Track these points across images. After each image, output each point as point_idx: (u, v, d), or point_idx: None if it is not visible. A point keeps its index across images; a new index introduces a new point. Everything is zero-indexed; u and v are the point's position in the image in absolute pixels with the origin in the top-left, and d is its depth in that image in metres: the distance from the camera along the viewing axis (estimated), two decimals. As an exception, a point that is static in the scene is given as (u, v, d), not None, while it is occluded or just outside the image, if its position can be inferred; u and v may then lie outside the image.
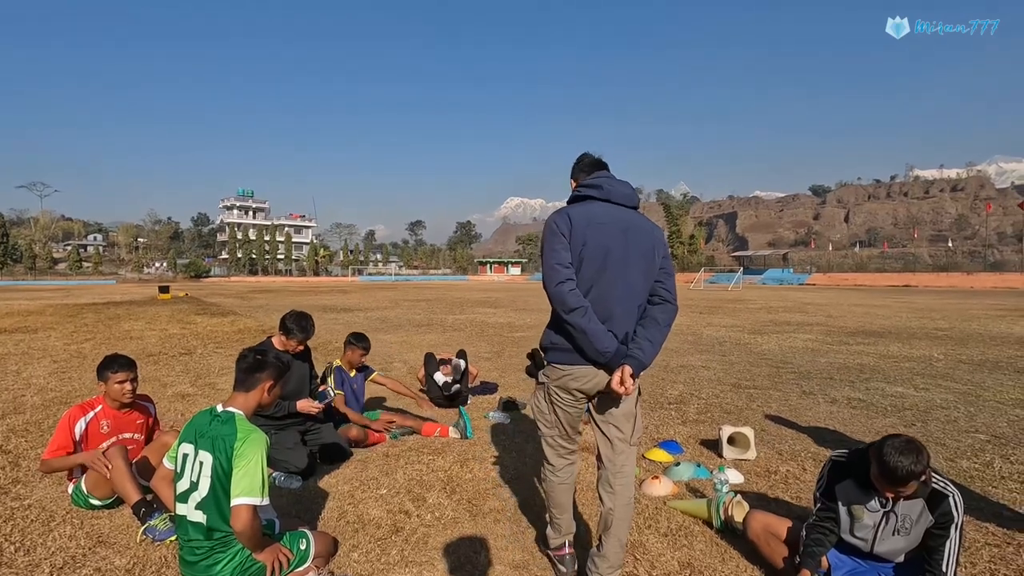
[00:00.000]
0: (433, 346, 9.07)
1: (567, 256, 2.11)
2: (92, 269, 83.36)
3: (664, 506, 3.09)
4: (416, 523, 2.91)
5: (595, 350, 2.08)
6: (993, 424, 4.65)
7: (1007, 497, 3.18)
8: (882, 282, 47.62)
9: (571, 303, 2.07)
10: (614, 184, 2.23)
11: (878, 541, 2.21)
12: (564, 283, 2.09)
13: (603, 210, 2.18)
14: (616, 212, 2.19)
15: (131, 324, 13.16)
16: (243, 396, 2.33)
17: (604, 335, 2.07)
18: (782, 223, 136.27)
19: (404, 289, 38.47)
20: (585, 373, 2.15)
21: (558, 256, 2.12)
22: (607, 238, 2.13)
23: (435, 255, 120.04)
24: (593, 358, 2.10)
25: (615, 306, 2.13)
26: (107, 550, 2.61)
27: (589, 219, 2.14)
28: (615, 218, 2.17)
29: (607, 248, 2.12)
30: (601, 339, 2.06)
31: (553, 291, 2.10)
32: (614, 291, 2.13)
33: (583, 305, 2.07)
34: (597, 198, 2.21)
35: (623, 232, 2.15)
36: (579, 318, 2.06)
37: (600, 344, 2.06)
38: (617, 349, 2.08)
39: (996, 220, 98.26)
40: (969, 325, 12.60)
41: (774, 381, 6.46)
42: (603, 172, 2.30)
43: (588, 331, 2.07)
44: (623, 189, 2.24)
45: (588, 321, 2.07)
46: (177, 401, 5.56)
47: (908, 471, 1.98)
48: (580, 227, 2.13)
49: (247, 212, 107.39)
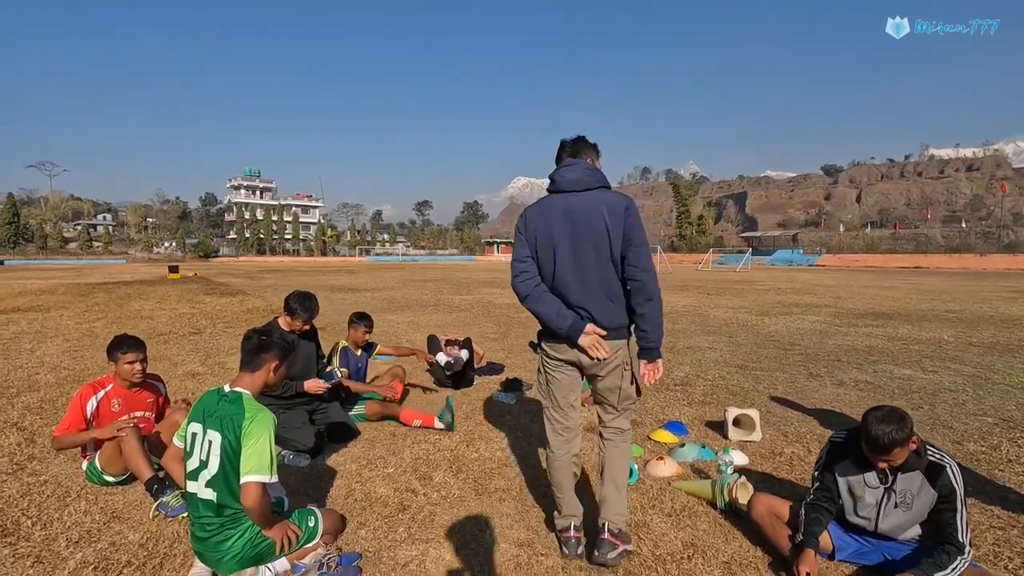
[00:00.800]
0: (440, 326, 9.11)
1: (523, 251, 2.41)
2: (103, 249, 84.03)
3: (668, 486, 3.11)
4: (423, 501, 2.95)
5: (551, 328, 2.36)
6: (1002, 407, 4.62)
7: (1013, 480, 3.17)
8: (893, 263, 47.11)
9: (521, 292, 2.40)
10: (564, 173, 2.38)
11: (882, 518, 2.23)
12: (517, 276, 2.41)
13: (552, 202, 2.38)
14: (562, 200, 2.36)
15: (142, 304, 13.30)
16: (249, 376, 2.35)
17: (555, 316, 2.31)
18: (793, 203, 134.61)
19: (411, 269, 38.55)
20: (562, 346, 2.39)
21: (516, 253, 2.44)
22: (551, 227, 2.34)
23: (442, 235, 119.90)
24: (556, 334, 2.35)
25: (571, 287, 2.33)
26: (121, 525, 2.67)
27: (540, 214, 2.39)
28: (560, 207, 2.35)
29: (551, 236, 2.33)
30: (552, 320, 2.32)
31: (512, 283, 2.43)
32: (567, 274, 2.32)
33: (530, 293, 2.37)
34: (551, 191, 2.43)
35: (567, 217, 2.32)
36: (530, 304, 2.38)
37: (552, 323, 2.33)
38: (571, 325, 2.29)
39: (1012, 200, 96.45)
40: (980, 307, 12.47)
41: (781, 363, 6.45)
42: (566, 162, 2.43)
43: (539, 314, 2.37)
44: (571, 175, 2.37)
45: (538, 305, 2.36)
46: (188, 380, 5.63)
47: (891, 438, 2.06)
48: (532, 223, 2.39)
49: (254, 192, 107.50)
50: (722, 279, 26.10)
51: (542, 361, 2.52)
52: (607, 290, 2.32)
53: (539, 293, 2.36)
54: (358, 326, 4.54)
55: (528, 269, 2.39)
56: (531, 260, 2.39)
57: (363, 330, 4.54)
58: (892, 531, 2.23)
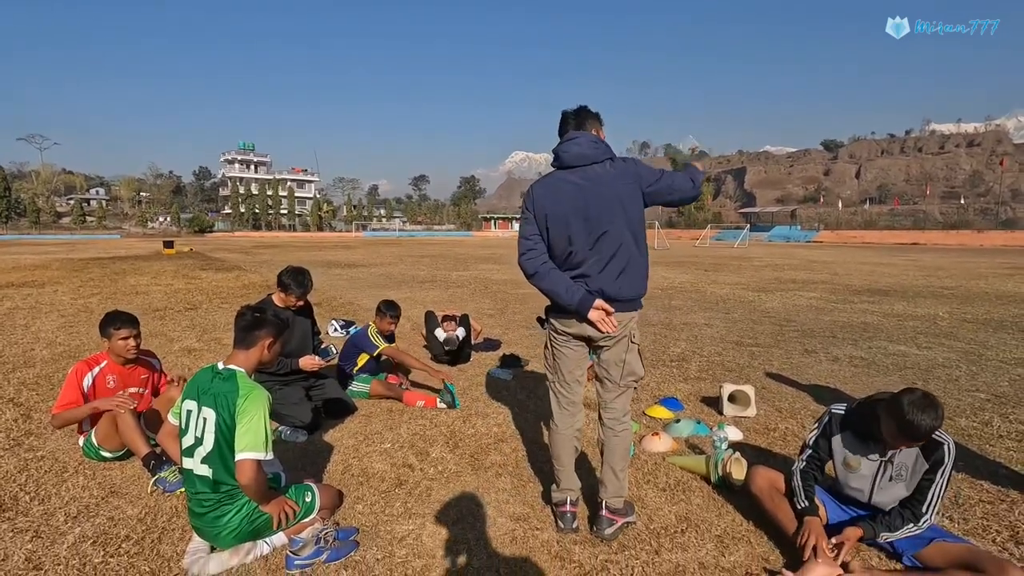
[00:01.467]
0: (437, 302, 9.10)
1: (531, 229, 2.38)
2: (96, 223, 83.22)
3: (663, 461, 3.14)
4: (419, 476, 2.97)
5: (560, 304, 2.34)
6: (994, 383, 4.66)
7: (1004, 455, 3.21)
8: (891, 240, 47.11)
9: (529, 270, 2.38)
10: (570, 147, 2.33)
11: (876, 490, 2.26)
12: (525, 254, 2.38)
13: (561, 177, 2.34)
14: (572, 175, 2.32)
15: (136, 279, 13.23)
16: (243, 354, 2.33)
17: (564, 292, 2.29)
18: (791, 179, 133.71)
19: (408, 245, 38.41)
20: (571, 320, 2.38)
21: (523, 231, 2.41)
22: (561, 204, 2.30)
23: (439, 210, 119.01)
24: (566, 310, 2.34)
25: (584, 262, 2.30)
26: (119, 500, 2.69)
27: (547, 191, 2.35)
28: (569, 183, 2.31)
29: (561, 213, 2.30)
30: (562, 296, 2.30)
31: (518, 260, 2.41)
32: (579, 250, 2.30)
33: (537, 271, 2.35)
34: (558, 167, 2.38)
35: (577, 193, 2.28)
36: (537, 281, 2.37)
37: (562, 300, 2.31)
38: (581, 300, 2.27)
39: (1012, 177, 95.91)
40: (976, 284, 12.51)
41: (777, 339, 6.47)
42: (569, 135, 2.37)
43: (548, 291, 2.36)
44: (576, 149, 2.32)
45: (546, 283, 2.34)
46: (184, 356, 5.63)
47: (930, 427, 2.02)
48: (540, 201, 2.35)
49: (248, 166, 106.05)
50: (720, 255, 26.08)
51: (550, 336, 2.52)
52: (620, 263, 2.29)
53: (546, 270, 2.34)
54: (385, 316, 4.49)
55: (535, 247, 2.36)
56: (538, 237, 2.36)
57: (388, 320, 4.51)
58: (885, 503, 2.26)
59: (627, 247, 2.30)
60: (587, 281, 2.31)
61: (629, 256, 2.31)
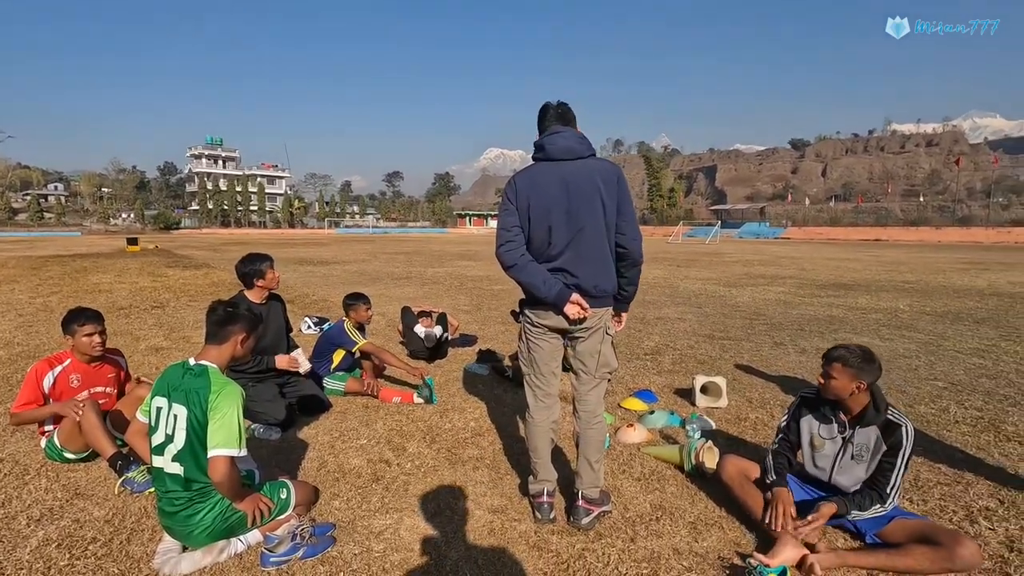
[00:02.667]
0: (412, 299, 9.03)
1: (512, 220, 2.35)
2: (55, 220, 80.00)
3: (638, 452, 3.20)
4: (396, 471, 2.96)
5: (537, 297, 2.35)
6: (951, 372, 4.86)
7: (959, 440, 3.36)
8: (855, 236, 48.55)
9: (507, 262, 2.36)
10: (556, 140, 2.33)
11: (836, 470, 2.37)
12: (504, 245, 2.36)
13: (545, 169, 2.33)
14: (556, 169, 2.32)
15: (99, 277, 12.79)
16: (216, 349, 2.29)
17: (542, 284, 2.30)
18: (761, 177, 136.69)
19: (382, 242, 37.98)
20: (547, 312, 2.40)
21: (503, 221, 2.38)
22: (547, 198, 2.30)
23: (413, 207, 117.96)
24: (542, 302, 2.36)
25: (564, 255, 2.32)
26: (85, 502, 2.61)
27: (531, 182, 2.34)
28: (554, 175, 2.31)
29: (548, 208, 2.30)
30: (539, 288, 2.31)
31: (496, 252, 2.39)
32: (560, 243, 2.31)
33: (516, 263, 2.34)
34: (541, 159, 2.37)
35: (563, 186, 2.29)
36: (516, 273, 2.36)
37: (539, 292, 2.32)
38: (558, 293, 2.29)
39: (967, 175, 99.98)
40: (935, 278, 13.00)
41: (747, 332, 6.62)
42: (553, 128, 2.36)
43: (525, 283, 2.36)
44: (563, 143, 2.32)
45: (524, 275, 2.34)
46: (151, 354, 5.48)
47: (839, 354, 2.31)
48: (524, 193, 2.34)
49: (216, 161, 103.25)
50: (692, 251, 26.51)
51: (525, 328, 2.53)
52: (599, 258, 2.34)
53: (525, 262, 2.34)
54: (358, 306, 4.43)
55: (515, 239, 2.35)
56: (519, 229, 2.35)
57: (364, 308, 4.45)
58: (845, 484, 2.37)
59: (604, 243, 2.34)
60: (564, 275, 2.33)
61: (606, 252, 2.36)
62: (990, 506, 2.59)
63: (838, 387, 2.31)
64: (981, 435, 3.43)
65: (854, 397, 2.31)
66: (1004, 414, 3.79)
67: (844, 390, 2.30)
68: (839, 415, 2.39)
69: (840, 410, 2.39)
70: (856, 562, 2.13)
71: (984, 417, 3.73)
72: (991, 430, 3.50)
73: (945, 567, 2.02)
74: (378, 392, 4.12)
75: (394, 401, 4.05)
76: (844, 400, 2.33)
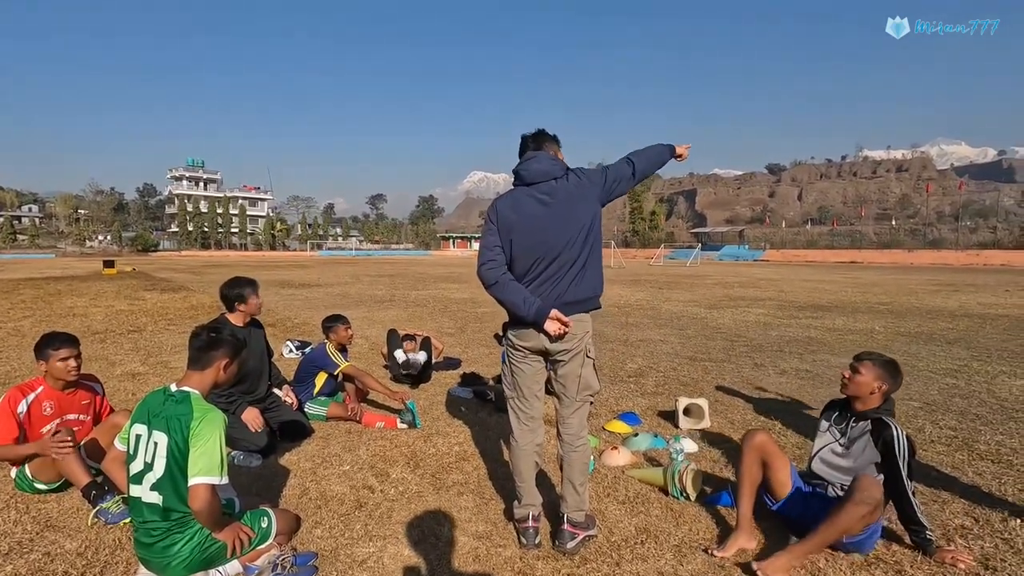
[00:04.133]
0: (396, 322, 8.99)
1: (493, 240, 2.43)
2: (28, 242, 78.33)
3: (623, 475, 3.20)
4: (380, 498, 2.93)
5: (518, 315, 2.39)
6: (925, 392, 4.97)
7: (935, 459, 3.43)
8: (831, 258, 49.63)
9: (488, 280, 2.41)
10: (529, 165, 2.42)
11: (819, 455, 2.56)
12: (485, 264, 2.42)
13: (523, 195, 2.42)
14: (533, 192, 2.40)
15: (74, 300, 12.51)
16: (198, 375, 2.27)
17: (522, 303, 2.34)
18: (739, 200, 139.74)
19: (365, 264, 37.79)
20: (528, 333, 2.42)
21: (485, 241, 2.47)
22: (524, 217, 2.38)
23: (397, 230, 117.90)
24: (523, 323, 2.40)
25: (545, 273, 2.39)
26: (56, 534, 2.53)
27: (511, 205, 2.42)
28: (531, 197, 2.39)
29: (527, 229, 2.37)
30: (519, 306, 2.35)
31: (478, 271, 2.45)
32: (541, 261, 2.37)
33: (497, 281, 2.38)
34: (519, 184, 2.46)
35: (539, 207, 2.37)
36: (496, 291, 2.41)
37: (519, 310, 2.36)
38: (537, 310, 2.32)
39: (936, 200, 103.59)
40: (908, 299, 13.33)
41: (728, 354, 6.71)
42: (528, 154, 2.46)
43: (506, 301, 2.40)
44: (536, 167, 2.41)
45: (504, 293, 2.38)
46: (127, 380, 5.36)
47: (870, 355, 2.50)
48: (505, 217, 2.42)
49: (197, 183, 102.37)
50: (673, 274, 26.85)
51: (507, 351, 2.57)
52: (578, 270, 2.39)
53: (505, 280, 2.39)
54: (337, 327, 4.40)
55: (496, 258, 2.42)
56: (499, 249, 2.42)
57: (343, 328, 4.43)
58: (822, 471, 2.52)
59: (582, 260, 2.40)
60: (544, 293, 2.38)
61: (585, 269, 2.41)
62: (966, 524, 2.64)
63: (861, 383, 2.46)
64: (955, 454, 3.51)
65: (872, 397, 2.46)
66: (977, 433, 3.88)
67: (866, 388, 2.45)
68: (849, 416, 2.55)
69: (851, 411, 2.55)
70: (803, 552, 2.25)
71: (958, 436, 3.82)
72: (965, 449, 3.59)
73: (859, 511, 2.18)
74: (361, 417, 4.08)
75: (377, 426, 4.02)
76: (861, 397, 2.48)
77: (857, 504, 2.19)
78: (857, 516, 2.19)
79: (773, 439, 2.64)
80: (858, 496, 2.20)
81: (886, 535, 2.49)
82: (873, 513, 2.21)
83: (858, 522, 2.20)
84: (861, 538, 2.31)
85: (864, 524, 2.22)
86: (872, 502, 2.19)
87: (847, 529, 2.22)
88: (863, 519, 2.20)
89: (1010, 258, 39.70)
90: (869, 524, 2.25)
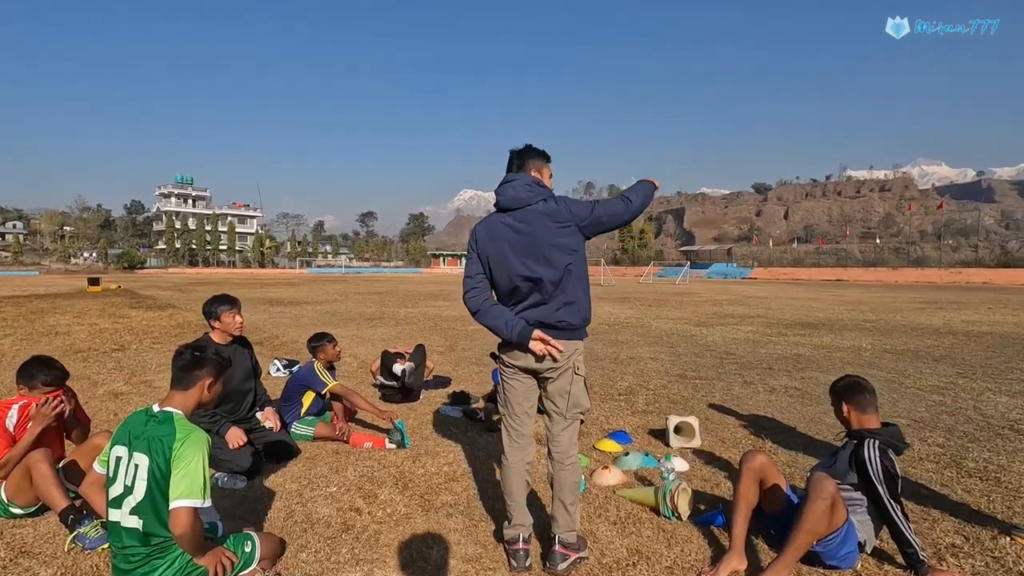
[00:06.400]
0: (386, 339, 8.93)
1: (475, 268, 2.50)
2: (12, 259, 77.19)
3: (614, 495, 3.17)
4: (367, 520, 2.87)
5: (505, 338, 2.44)
6: (913, 409, 5.00)
7: (924, 476, 3.44)
8: (817, 276, 50.25)
9: (472, 307, 2.48)
10: (505, 191, 2.46)
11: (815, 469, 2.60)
12: (468, 292, 2.49)
13: (499, 220, 2.47)
14: (508, 219, 2.44)
15: (57, 318, 12.30)
16: (181, 395, 2.22)
17: (505, 326, 2.39)
18: (727, 219, 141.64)
19: (355, 282, 37.63)
20: (517, 353, 2.46)
21: (467, 269, 2.54)
22: (501, 246, 2.43)
23: (387, 247, 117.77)
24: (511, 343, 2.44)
25: (527, 299, 2.43)
26: (31, 561, 2.45)
27: (488, 233, 2.48)
28: (507, 225, 2.44)
29: (502, 254, 2.42)
30: (503, 330, 2.41)
31: (463, 299, 2.52)
32: (521, 288, 2.41)
33: (480, 308, 2.46)
34: (497, 210, 2.52)
35: (515, 235, 2.41)
36: (481, 318, 2.47)
37: (503, 334, 2.42)
38: (520, 332, 2.36)
39: (918, 219, 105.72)
40: (894, 317, 13.49)
41: (718, 372, 6.73)
42: (506, 177, 2.51)
43: (491, 326, 2.45)
44: (511, 193, 2.44)
45: (488, 319, 2.45)
46: (109, 400, 5.25)
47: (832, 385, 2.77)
48: (483, 243, 2.49)
49: (186, 200, 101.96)
50: (662, 291, 27.00)
51: (500, 369, 2.60)
52: (561, 297, 2.39)
53: (487, 307, 2.45)
54: (324, 345, 4.37)
55: (478, 285, 2.47)
56: (482, 276, 2.48)
57: (330, 346, 4.39)
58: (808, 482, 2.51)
59: (565, 284, 2.40)
60: (529, 313, 2.40)
61: (569, 292, 2.41)
62: (956, 542, 2.64)
63: (835, 413, 2.71)
64: (944, 471, 3.52)
65: (850, 420, 2.63)
66: (964, 450, 3.90)
67: (840, 415, 2.67)
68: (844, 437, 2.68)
69: None
70: (784, 566, 2.25)
71: (946, 453, 3.84)
72: (953, 466, 3.60)
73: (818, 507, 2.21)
74: (349, 437, 4.02)
75: (366, 446, 3.96)
76: (846, 423, 2.66)
77: (814, 500, 2.22)
78: (818, 512, 2.21)
79: (772, 461, 2.65)
80: (812, 493, 2.25)
81: (877, 555, 2.49)
82: (834, 509, 2.23)
83: (821, 518, 2.21)
84: (833, 545, 2.29)
85: (828, 521, 2.23)
86: (827, 495, 2.22)
87: (813, 529, 2.22)
88: (824, 514, 2.21)
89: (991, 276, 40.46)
90: (836, 526, 2.26)
